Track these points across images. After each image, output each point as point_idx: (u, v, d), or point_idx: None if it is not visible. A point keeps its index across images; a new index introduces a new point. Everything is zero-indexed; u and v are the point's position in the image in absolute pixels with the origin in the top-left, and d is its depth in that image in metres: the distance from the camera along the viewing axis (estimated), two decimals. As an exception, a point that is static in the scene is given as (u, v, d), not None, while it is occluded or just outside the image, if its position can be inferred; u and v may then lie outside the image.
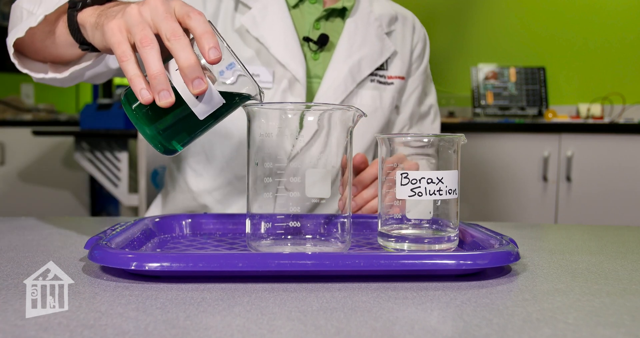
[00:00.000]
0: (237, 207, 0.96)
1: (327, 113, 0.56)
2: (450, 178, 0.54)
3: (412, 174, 0.54)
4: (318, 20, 0.96)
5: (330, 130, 0.56)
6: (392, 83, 1.01)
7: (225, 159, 0.95)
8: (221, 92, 0.52)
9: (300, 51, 0.93)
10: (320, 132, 0.57)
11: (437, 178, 0.53)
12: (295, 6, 0.96)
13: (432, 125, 1.13)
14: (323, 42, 0.95)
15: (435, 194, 0.53)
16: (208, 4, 0.93)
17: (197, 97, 0.51)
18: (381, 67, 1.00)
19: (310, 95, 0.96)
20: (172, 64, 0.52)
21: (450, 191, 0.54)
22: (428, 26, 1.13)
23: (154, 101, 0.50)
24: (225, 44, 0.52)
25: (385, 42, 1.00)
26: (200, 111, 0.52)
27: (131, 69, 0.51)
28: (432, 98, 1.13)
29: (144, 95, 0.50)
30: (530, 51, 2.88)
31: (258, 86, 0.54)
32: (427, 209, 0.55)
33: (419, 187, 0.53)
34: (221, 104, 0.52)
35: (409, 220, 0.56)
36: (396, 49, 1.02)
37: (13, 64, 0.73)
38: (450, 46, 3.02)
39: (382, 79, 1.00)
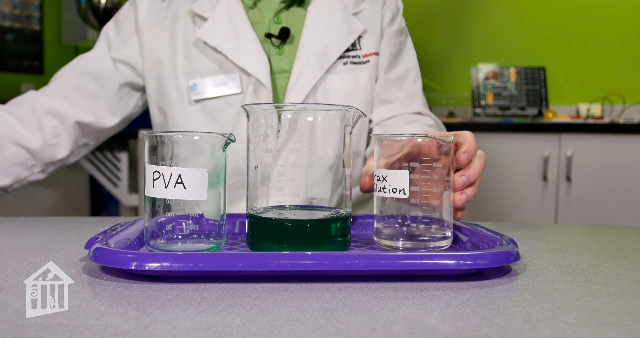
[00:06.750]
0: (238, 207, 0.96)
1: (320, 114, 0.56)
2: (397, 178, 0.55)
3: (380, 172, 0.54)
4: (277, 13, 0.95)
5: (327, 130, 0.56)
6: (367, 61, 0.99)
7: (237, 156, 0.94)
8: None
9: (262, 52, 0.93)
10: (315, 133, 0.56)
11: (382, 176, 0.55)
12: (253, 6, 0.96)
13: (414, 85, 1.05)
14: (284, 35, 0.94)
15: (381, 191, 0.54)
16: (165, 25, 0.95)
17: None
18: (353, 48, 0.98)
19: (281, 92, 0.95)
20: None
21: (395, 190, 0.55)
22: (428, 26, 1.13)
23: None
24: None
25: (352, 23, 0.98)
26: None
27: None
28: (409, 63, 1.06)
29: None
30: (530, 51, 2.87)
31: None
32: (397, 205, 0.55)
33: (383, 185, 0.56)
34: None
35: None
36: (366, 28, 0.99)
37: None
38: (450, 46, 3.02)
39: (355, 60, 0.98)
